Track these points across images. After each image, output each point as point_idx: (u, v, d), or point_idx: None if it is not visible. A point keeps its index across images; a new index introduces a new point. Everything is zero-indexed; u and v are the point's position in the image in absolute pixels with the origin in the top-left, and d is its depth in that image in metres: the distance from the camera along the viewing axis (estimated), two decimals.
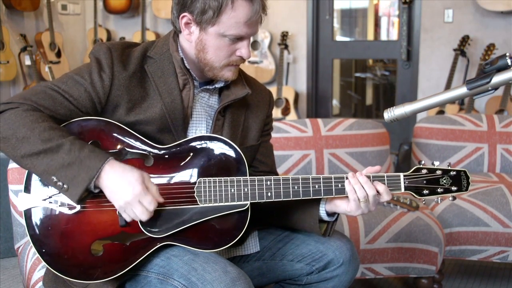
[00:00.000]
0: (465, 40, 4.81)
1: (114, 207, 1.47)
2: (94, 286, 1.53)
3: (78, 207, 1.49)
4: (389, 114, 1.46)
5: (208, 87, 1.66)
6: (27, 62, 5.24)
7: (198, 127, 1.65)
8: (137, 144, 1.54)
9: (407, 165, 3.81)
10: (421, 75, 5.20)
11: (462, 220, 2.67)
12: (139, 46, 1.65)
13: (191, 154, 1.55)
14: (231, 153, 1.55)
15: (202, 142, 1.56)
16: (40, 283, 1.75)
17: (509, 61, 1.29)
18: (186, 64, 1.62)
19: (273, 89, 5.26)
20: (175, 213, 1.51)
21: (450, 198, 1.59)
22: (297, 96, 5.46)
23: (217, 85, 1.67)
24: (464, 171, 1.58)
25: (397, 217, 2.53)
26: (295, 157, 2.93)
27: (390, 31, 6.29)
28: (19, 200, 1.50)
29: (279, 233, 1.77)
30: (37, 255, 1.87)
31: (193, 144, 1.56)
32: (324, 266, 1.68)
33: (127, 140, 1.54)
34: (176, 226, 1.50)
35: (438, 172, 1.58)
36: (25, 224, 1.50)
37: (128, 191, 1.41)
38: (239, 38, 1.56)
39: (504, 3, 4.63)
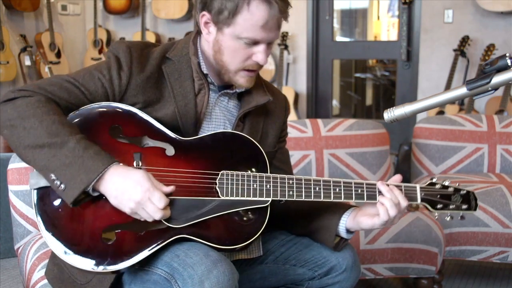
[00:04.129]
0: (465, 40, 4.82)
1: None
2: (96, 281, 1.50)
3: None
4: (389, 114, 1.46)
5: (228, 91, 1.65)
6: (27, 62, 5.25)
7: (216, 131, 1.61)
8: (159, 133, 1.52)
9: (407, 165, 3.80)
10: (421, 76, 5.20)
11: (461, 221, 2.66)
12: (159, 47, 1.63)
13: (213, 147, 1.54)
14: (253, 151, 1.55)
15: (225, 138, 1.55)
16: (40, 283, 1.74)
17: (509, 61, 1.29)
18: (203, 69, 1.60)
19: None
20: (195, 205, 1.48)
21: (459, 218, 1.65)
22: (297, 96, 5.46)
23: (238, 90, 1.65)
24: (473, 193, 1.66)
25: None
26: (295, 157, 2.93)
27: (391, 31, 6.30)
28: (30, 179, 1.46)
29: (283, 237, 1.76)
30: (38, 254, 1.88)
31: (216, 139, 1.55)
32: (326, 272, 1.67)
33: (148, 128, 1.52)
34: (194, 217, 1.47)
35: (450, 189, 1.63)
36: (34, 203, 1.45)
37: (136, 190, 1.38)
38: (255, 43, 1.52)
39: (504, 4, 4.63)
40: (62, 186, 1.37)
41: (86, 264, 1.43)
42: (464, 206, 1.63)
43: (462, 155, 3.18)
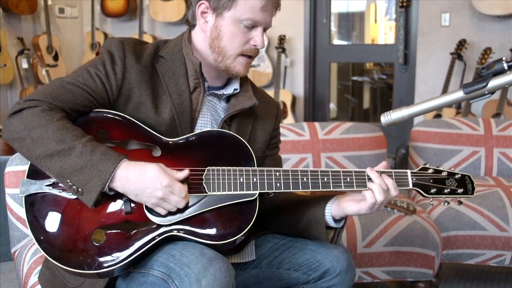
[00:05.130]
0: (462, 44, 4.83)
1: (120, 193, 1.45)
2: (88, 284, 1.51)
3: None
4: (386, 118, 1.46)
5: (216, 92, 1.67)
6: (24, 65, 5.24)
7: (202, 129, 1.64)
8: (145, 135, 1.54)
9: (404, 168, 3.81)
10: (418, 79, 5.21)
11: (459, 224, 2.67)
12: (151, 43, 1.66)
13: (199, 146, 1.55)
14: (239, 147, 1.55)
15: (211, 136, 1.56)
16: (37, 287, 1.74)
17: (505, 65, 1.30)
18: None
19: (270, 92, 5.26)
20: None
21: (456, 203, 1.60)
22: (294, 99, 5.46)
23: (225, 92, 1.67)
24: (468, 176, 1.62)
25: (394, 220, 2.53)
26: (292, 160, 2.93)
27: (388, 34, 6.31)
28: (20, 186, 1.49)
29: (276, 241, 1.76)
30: (35, 257, 1.87)
31: (202, 138, 1.56)
32: (320, 276, 1.67)
33: (135, 131, 1.54)
34: (183, 214, 1.48)
35: (444, 173, 1.60)
36: (24, 210, 1.48)
37: (156, 187, 1.41)
38: (253, 26, 1.57)
39: (500, 7, 4.64)
40: (80, 190, 1.40)
41: (78, 266, 1.44)
42: (460, 190, 1.59)
43: (459, 158, 3.19)
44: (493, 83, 1.32)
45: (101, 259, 1.44)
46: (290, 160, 2.93)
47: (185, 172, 1.48)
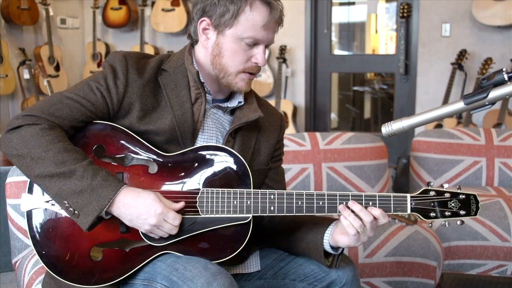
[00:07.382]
0: (462, 54, 4.83)
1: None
2: None
3: None
4: (387, 128, 1.46)
5: (220, 104, 1.66)
6: (26, 76, 5.25)
7: (208, 143, 1.63)
8: (142, 150, 1.55)
9: (406, 178, 3.80)
10: (419, 89, 5.21)
11: (460, 234, 2.66)
12: (155, 57, 1.66)
13: (196, 163, 1.55)
14: (237, 164, 1.55)
15: (208, 152, 1.56)
16: None
17: (505, 76, 1.30)
18: (201, 77, 1.62)
19: (271, 102, 5.25)
20: None
21: (458, 223, 1.53)
22: (295, 109, 5.47)
23: (230, 105, 1.67)
24: (474, 195, 1.54)
25: (395, 231, 2.52)
26: (294, 170, 2.93)
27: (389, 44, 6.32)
28: (22, 201, 1.52)
29: (281, 252, 1.76)
30: (36, 268, 1.87)
31: (199, 153, 1.56)
32: (326, 287, 1.66)
33: (133, 146, 1.55)
34: (176, 235, 1.50)
35: (447, 195, 1.53)
36: (26, 225, 1.52)
37: (150, 214, 1.43)
38: (255, 44, 1.57)
39: (501, 18, 4.65)
40: (76, 212, 1.42)
41: (78, 280, 1.50)
42: (463, 212, 1.51)
43: (460, 168, 3.18)
44: (494, 94, 1.32)
45: (99, 275, 1.50)
46: (291, 171, 2.93)
47: (180, 204, 1.49)
